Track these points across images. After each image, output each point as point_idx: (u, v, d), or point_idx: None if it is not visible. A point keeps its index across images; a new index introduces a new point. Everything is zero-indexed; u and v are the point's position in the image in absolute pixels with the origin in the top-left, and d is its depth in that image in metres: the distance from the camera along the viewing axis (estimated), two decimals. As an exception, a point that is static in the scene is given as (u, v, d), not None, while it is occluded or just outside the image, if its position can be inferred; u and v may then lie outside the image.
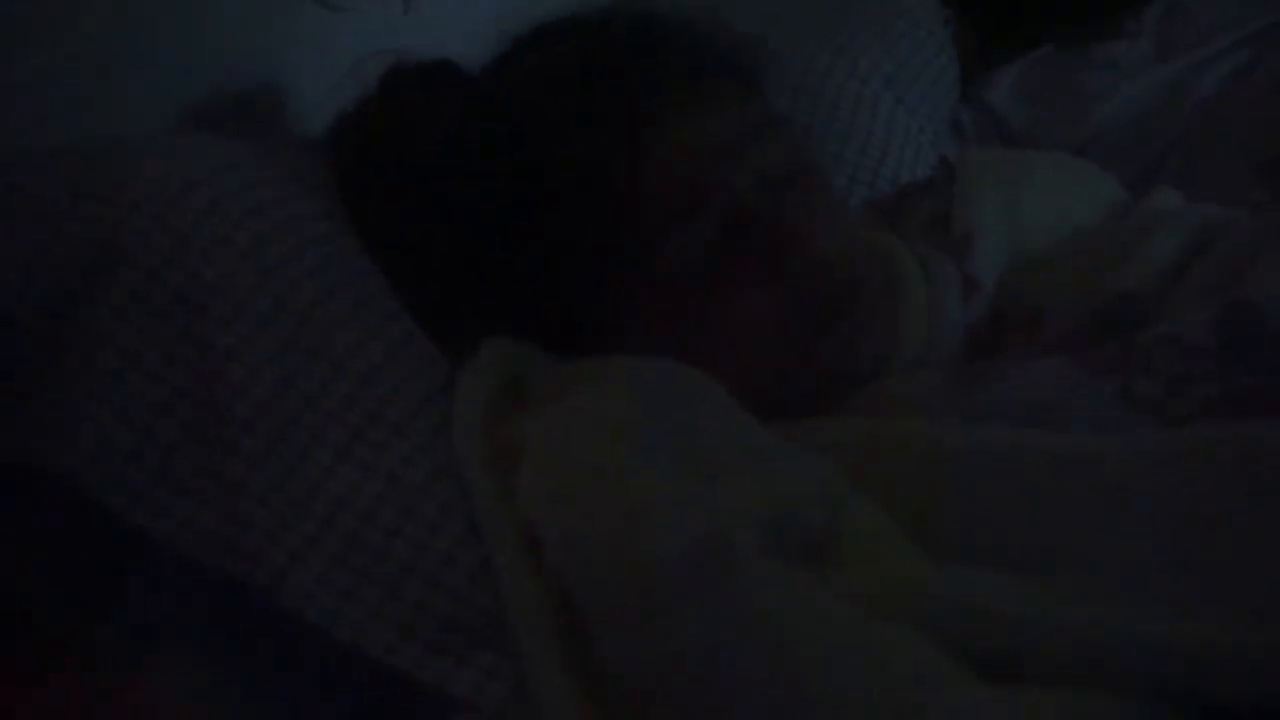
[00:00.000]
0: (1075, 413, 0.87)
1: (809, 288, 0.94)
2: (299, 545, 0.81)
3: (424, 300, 0.97)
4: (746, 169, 0.95)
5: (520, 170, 0.95)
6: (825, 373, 0.95)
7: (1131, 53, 1.50)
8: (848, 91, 1.39)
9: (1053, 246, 1.05)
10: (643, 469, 0.80)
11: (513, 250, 0.96)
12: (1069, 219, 1.09)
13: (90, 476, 0.82)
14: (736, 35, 1.05)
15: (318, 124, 1.08)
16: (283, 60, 1.17)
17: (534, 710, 0.76)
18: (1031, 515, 0.82)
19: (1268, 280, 0.92)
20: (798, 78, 1.37)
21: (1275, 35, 1.45)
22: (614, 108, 0.95)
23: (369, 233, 0.98)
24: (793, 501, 0.82)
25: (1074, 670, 0.74)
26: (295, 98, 1.18)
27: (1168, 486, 0.79)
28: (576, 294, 0.96)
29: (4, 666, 0.80)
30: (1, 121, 0.96)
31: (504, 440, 0.87)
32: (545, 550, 0.80)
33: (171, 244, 0.87)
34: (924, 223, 1.09)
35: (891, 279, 1.00)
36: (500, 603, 0.80)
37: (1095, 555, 0.79)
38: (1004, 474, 0.83)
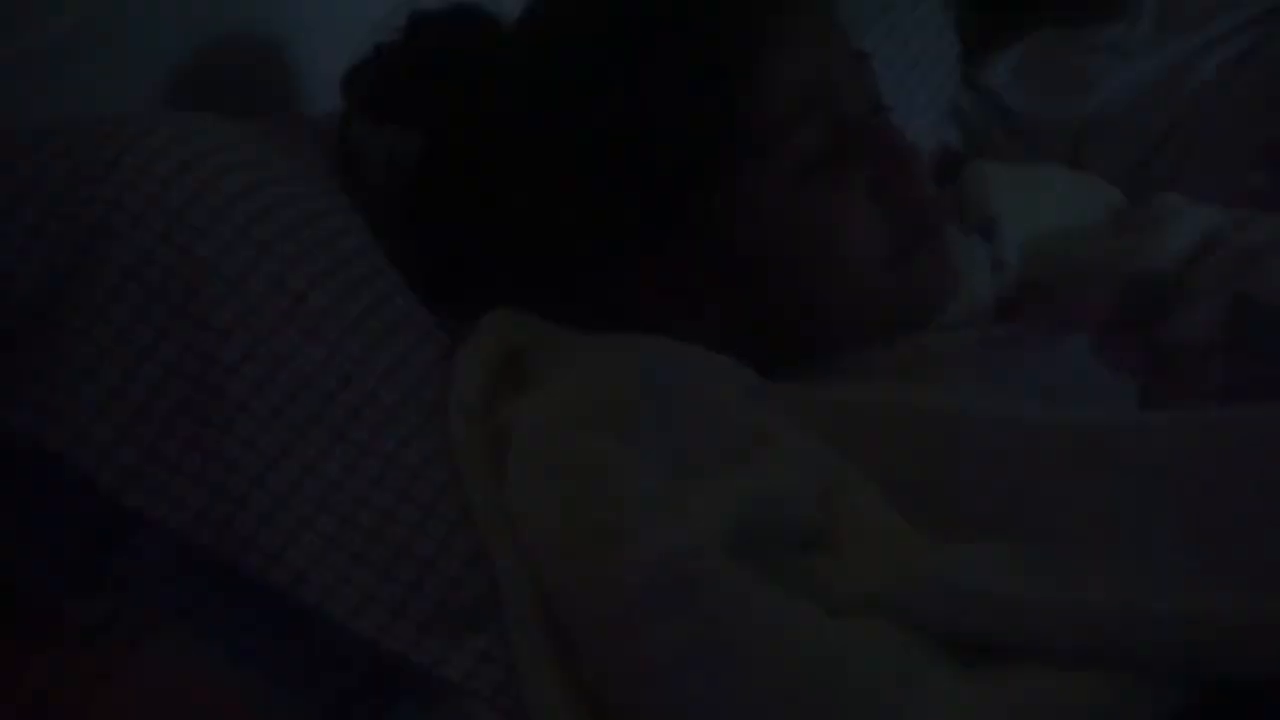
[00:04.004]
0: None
1: (912, 203, 0.97)
2: (294, 526, 0.81)
3: (437, 262, 0.97)
4: (856, 84, 0.99)
5: (642, 71, 0.95)
6: (910, 294, 0.97)
7: (1131, 35, 1.49)
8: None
9: (1068, 236, 1.10)
10: (622, 467, 0.81)
11: (627, 150, 0.96)
12: (1082, 219, 1.14)
13: (83, 455, 0.81)
14: None
15: (325, 98, 1.07)
16: (286, 29, 1.16)
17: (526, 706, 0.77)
18: (1041, 485, 0.83)
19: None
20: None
21: (1276, 20, 1.45)
22: (739, 11, 0.96)
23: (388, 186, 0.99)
24: (779, 494, 0.82)
25: (1076, 649, 0.75)
26: (303, 70, 1.17)
27: (1181, 461, 0.81)
28: (696, 186, 0.95)
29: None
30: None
31: (501, 422, 0.87)
32: (527, 550, 0.81)
33: (166, 222, 0.86)
34: None
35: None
36: (494, 593, 0.80)
37: (1103, 527, 0.80)
38: (1016, 443, 0.85)
